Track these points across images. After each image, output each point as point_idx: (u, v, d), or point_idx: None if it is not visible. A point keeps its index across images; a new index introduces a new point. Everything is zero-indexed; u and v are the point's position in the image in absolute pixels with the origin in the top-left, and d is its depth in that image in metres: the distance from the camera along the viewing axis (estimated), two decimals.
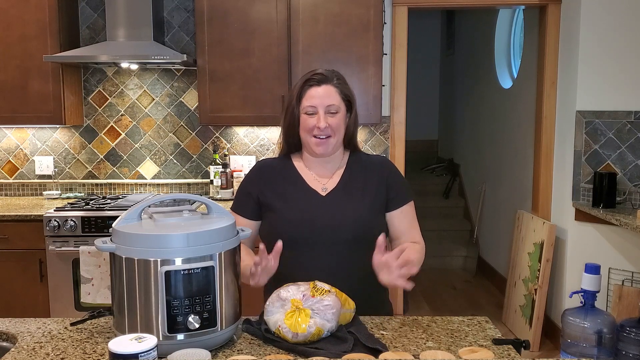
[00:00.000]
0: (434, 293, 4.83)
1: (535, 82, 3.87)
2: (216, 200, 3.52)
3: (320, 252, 1.67)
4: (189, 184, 3.80)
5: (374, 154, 2.20)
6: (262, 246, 1.52)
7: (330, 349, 1.32)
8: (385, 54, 3.55)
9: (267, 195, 1.74)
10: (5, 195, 3.80)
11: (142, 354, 1.09)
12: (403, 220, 1.75)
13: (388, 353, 1.28)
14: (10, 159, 3.79)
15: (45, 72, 3.37)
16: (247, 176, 1.82)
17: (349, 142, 1.80)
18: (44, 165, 3.78)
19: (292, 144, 1.79)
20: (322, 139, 1.69)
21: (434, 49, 7.54)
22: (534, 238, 3.69)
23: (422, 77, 7.13)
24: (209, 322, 1.31)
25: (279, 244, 1.51)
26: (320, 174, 1.77)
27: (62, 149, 3.78)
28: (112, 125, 3.77)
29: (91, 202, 3.39)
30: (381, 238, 1.49)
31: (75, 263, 3.11)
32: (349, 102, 1.74)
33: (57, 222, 3.10)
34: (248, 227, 1.70)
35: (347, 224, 1.67)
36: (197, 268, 1.29)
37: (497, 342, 1.38)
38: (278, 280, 1.59)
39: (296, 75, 3.34)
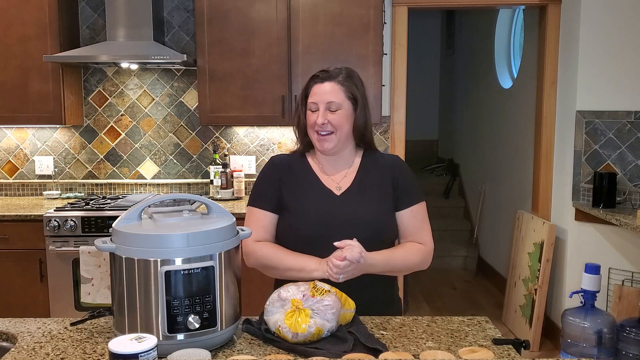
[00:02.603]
0: (434, 293, 4.83)
1: (535, 82, 3.87)
2: (216, 200, 3.52)
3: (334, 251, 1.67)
4: (189, 184, 3.80)
5: (388, 153, 2.19)
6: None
7: (330, 349, 1.32)
8: (385, 54, 3.55)
9: (284, 191, 1.75)
10: (5, 195, 3.80)
11: (142, 354, 1.09)
12: (412, 220, 1.74)
13: (388, 353, 1.28)
14: (10, 159, 3.79)
15: (45, 72, 3.37)
16: (263, 171, 1.81)
17: (362, 140, 1.78)
18: (44, 165, 3.78)
19: (306, 141, 1.79)
20: (323, 135, 1.69)
21: (434, 49, 7.54)
22: (534, 238, 3.69)
23: (422, 77, 7.13)
24: (209, 322, 1.31)
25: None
26: (334, 173, 1.77)
27: (62, 149, 3.78)
28: (112, 125, 3.77)
29: (91, 202, 3.38)
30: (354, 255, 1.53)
31: (75, 263, 3.11)
32: (355, 101, 1.72)
33: (57, 222, 3.10)
34: (269, 220, 1.74)
35: (361, 223, 1.67)
36: (197, 268, 1.29)
37: (497, 342, 1.38)
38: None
39: (296, 75, 3.34)
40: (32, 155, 3.78)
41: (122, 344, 1.10)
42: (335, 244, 1.55)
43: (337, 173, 1.76)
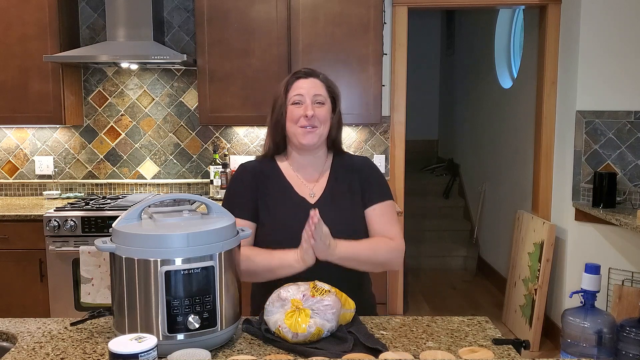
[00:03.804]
0: (434, 293, 4.83)
1: (535, 82, 3.87)
2: (216, 200, 3.51)
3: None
4: (189, 184, 3.80)
5: (357, 154, 2.12)
6: (312, 212, 1.49)
7: (330, 349, 1.32)
8: (385, 54, 3.55)
9: (259, 199, 1.71)
10: (5, 195, 3.80)
11: (142, 354, 1.09)
12: (380, 217, 1.72)
13: (388, 353, 1.28)
14: (10, 159, 3.79)
15: (45, 72, 3.37)
16: (235, 179, 1.76)
17: (332, 144, 1.78)
18: (44, 165, 3.78)
19: (278, 143, 1.76)
20: (309, 129, 1.68)
21: (434, 49, 7.54)
22: (534, 238, 3.69)
23: (422, 77, 7.13)
24: (209, 322, 1.31)
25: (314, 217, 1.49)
26: (307, 178, 1.75)
27: (62, 149, 3.78)
28: (112, 125, 3.77)
29: (91, 202, 3.39)
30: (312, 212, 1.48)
31: (75, 263, 3.11)
32: (334, 100, 1.74)
33: (57, 222, 3.10)
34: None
35: (336, 231, 1.61)
36: (197, 268, 1.29)
37: (497, 342, 1.38)
38: (267, 285, 1.57)
39: None
40: (32, 155, 3.79)
41: (122, 344, 1.10)
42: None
43: (310, 177, 1.75)
